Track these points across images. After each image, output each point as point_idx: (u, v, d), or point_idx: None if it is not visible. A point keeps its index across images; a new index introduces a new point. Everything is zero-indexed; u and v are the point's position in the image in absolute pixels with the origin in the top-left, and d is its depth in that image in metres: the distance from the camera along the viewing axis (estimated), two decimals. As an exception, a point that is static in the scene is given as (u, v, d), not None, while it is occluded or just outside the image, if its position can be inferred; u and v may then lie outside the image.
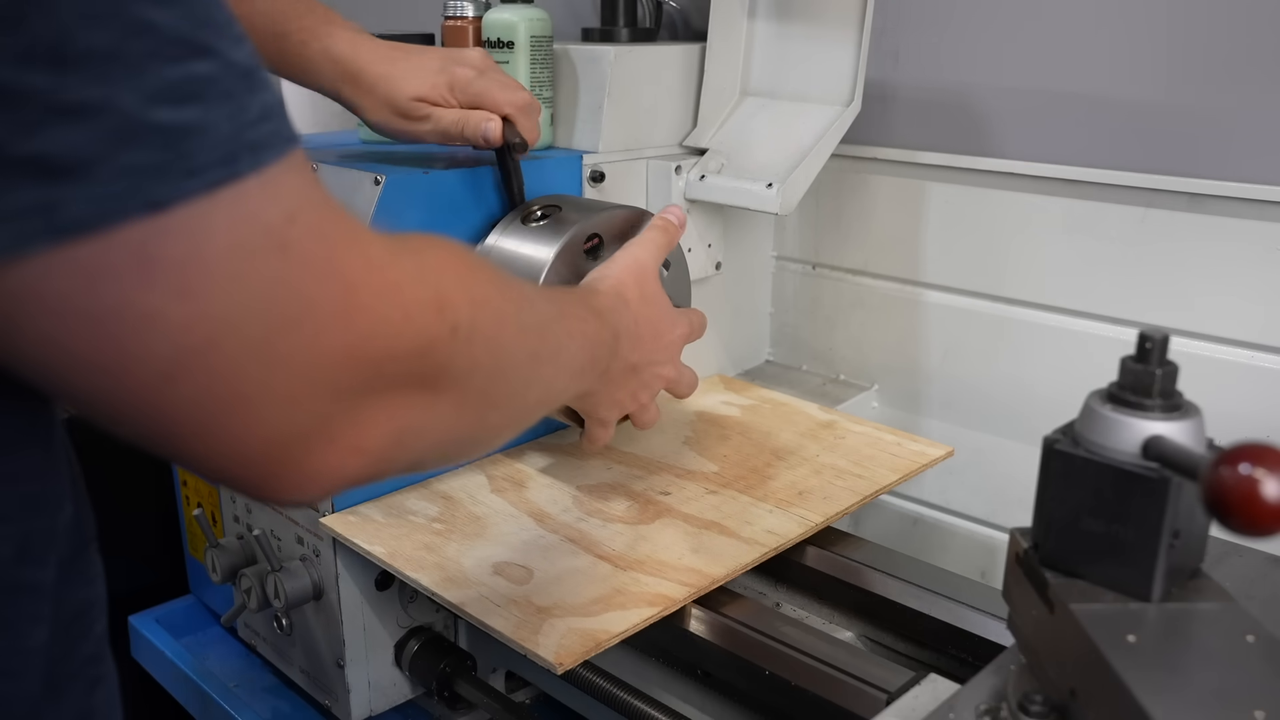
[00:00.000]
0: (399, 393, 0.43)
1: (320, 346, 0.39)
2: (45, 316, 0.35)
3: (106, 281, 0.35)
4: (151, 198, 0.35)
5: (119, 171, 0.34)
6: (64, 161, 0.33)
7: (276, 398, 0.39)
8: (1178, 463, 0.48)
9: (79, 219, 0.34)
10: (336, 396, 0.40)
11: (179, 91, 0.35)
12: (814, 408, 1.12)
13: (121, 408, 0.38)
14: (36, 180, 0.33)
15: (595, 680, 0.83)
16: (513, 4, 1.02)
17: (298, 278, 0.39)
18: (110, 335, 0.35)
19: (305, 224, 0.39)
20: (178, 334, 0.36)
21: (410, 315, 0.43)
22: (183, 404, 0.37)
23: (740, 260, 1.22)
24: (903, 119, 1.13)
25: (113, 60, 0.34)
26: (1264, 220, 0.91)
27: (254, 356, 0.38)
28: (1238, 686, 0.47)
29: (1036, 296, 1.07)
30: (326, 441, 0.41)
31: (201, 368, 0.37)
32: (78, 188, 0.34)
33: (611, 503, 0.91)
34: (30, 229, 0.34)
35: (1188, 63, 0.93)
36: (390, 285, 0.42)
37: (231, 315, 0.37)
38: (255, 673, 1.08)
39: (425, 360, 0.44)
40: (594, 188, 1.04)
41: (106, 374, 0.36)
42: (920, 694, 0.70)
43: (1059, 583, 0.54)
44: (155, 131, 0.35)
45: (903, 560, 0.89)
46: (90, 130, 0.34)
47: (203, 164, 0.36)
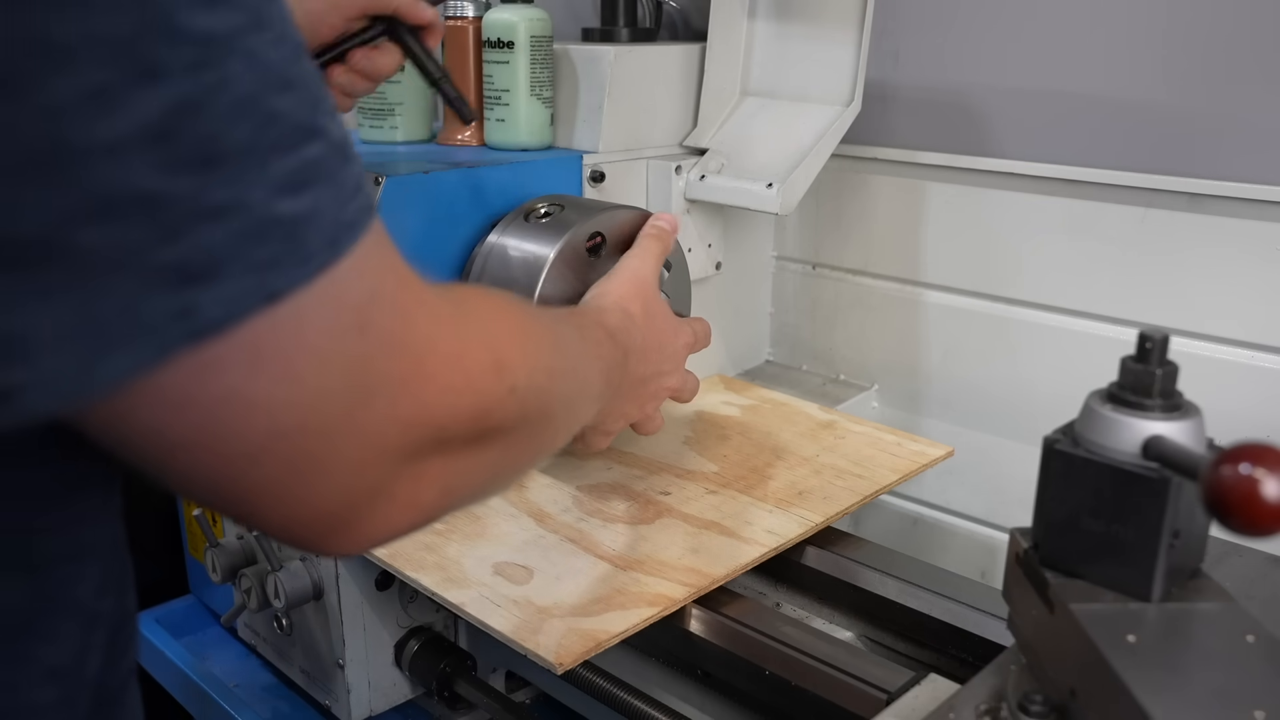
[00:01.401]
0: (454, 450, 0.44)
1: (392, 417, 0.40)
2: (157, 408, 0.35)
3: (218, 374, 0.35)
4: (271, 291, 0.35)
5: (246, 269, 0.34)
6: (201, 265, 0.33)
7: (348, 467, 0.39)
8: (1178, 463, 0.48)
9: (212, 321, 0.34)
10: (401, 460, 0.41)
11: (296, 180, 0.35)
12: (814, 408, 1.12)
13: (201, 484, 0.38)
14: (177, 286, 0.33)
15: (595, 680, 0.83)
16: (513, 4, 1.02)
17: (376, 354, 0.39)
18: (209, 421, 0.36)
19: (383, 300, 0.39)
20: (270, 418, 0.36)
21: (472, 380, 0.44)
22: (263, 480, 0.38)
23: (740, 260, 1.22)
24: (903, 119, 1.13)
25: (248, 156, 0.33)
26: (1264, 220, 0.91)
27: (333, 432, 0.38)
28: (1238, 686, 0.47)
29: (1036, 296, 1.07)
30: (387, 501, 0.42)
31: (287, 448, 0.37)
32: (212, 289, 0.33)
33: (611, 503, 0.91)
34: (170, 337, 0.33)
35: (1187, 63, 0.93)
36: (455, 352, 0.43)
37: (319, 396, 0.37)
38: (255, 673, 1.08)
39: (483, 422, 0.45)
40: (594, 188, 1.04)
41: (195, 455, 0.37)
42: (920, 694, 0.70)
43: (1059, 583, 0.54)
44: (277, 225, 0.34)
45: (903, 560, 0.89)
46: (225, 230, 0.33)
47: (312, 251, 0.36)
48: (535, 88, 1.03)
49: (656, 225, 0.90)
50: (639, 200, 1.10)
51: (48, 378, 0.32)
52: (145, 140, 0.31)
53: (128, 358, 0.33)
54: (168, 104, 0.31)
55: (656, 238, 0.88)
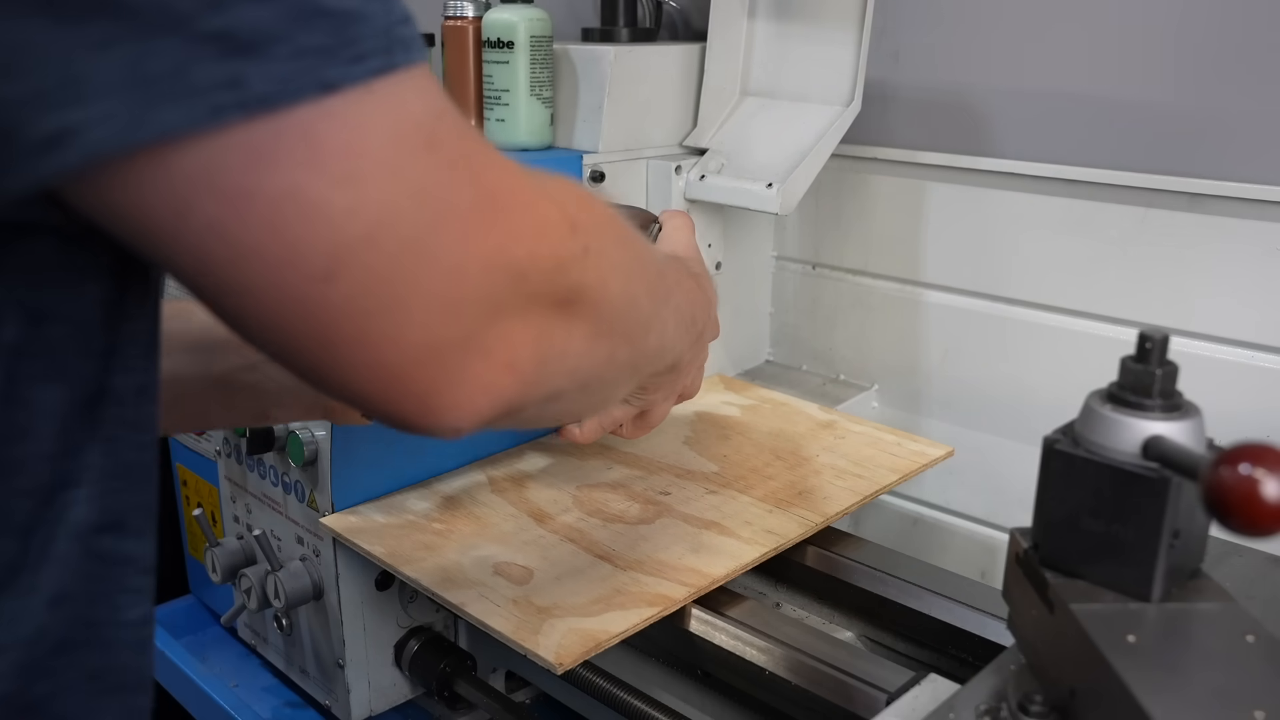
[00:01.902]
0: (540, 310, 0.43)
1: (467, 248, 0.39)
2: (216, 200, 0.35)
3: (277, 163, 0.35)
4: (323, 79, 0.35)
5: (296, 51, 0.35)
6: (249, 37, 0.34)
7: (430, 299, 0.39)
8: (1178, 463, 0.48)
9: (262, 95, 0.34)
10: (486, 305, 0.40)
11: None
12: (814, 408, 1.12)
13: (278, 308, 0.37)
14: (224, 55, 0.34)
15: (595, 680, 0.83)
16: (513, 4, 1.02)
17: (446, 178, 0.39)
18: (276, 222, 0.35)
19: (449, 125, 0.39)
20: (339, 224, 0.36)
21: (546, 229, 0.43)
22: (340, 304, 0.37)
23: (740, 260, 1.22)
24: (903, 119, 1.13)
25: None
26: (1264, 220, 0.91)
27: (408, 253, 0.38)
28: (1238, 686, 0.47)
29: (1036, 296, 1.07)
30: (481, 354, 0.41)
31: (360, 264, 0.37)
32: (261, 64, 0.34)
33: (611, 503, 0.91)
34: (221, 102, 0.34)
35: (1188, 63, 0.93)
36: (526, 199, 0.42)
37: (388, 209, 0.37)
38: (255, 673, 1.08)
39: (562, 277, 0.44)
40: (594, 188, 1.04)
41: (268, 267, 0.36)
42: (920, 694, 0.70)
43: (1059, 583, 0.54)
44: (326, 15, 0.36)
45: (903, 560, 0.89)
46: (271, 8, 0.34)
47: (365, 51, 0.36)
48: (535, 88, 1.03)
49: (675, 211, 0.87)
50: (639, 200, 1.10)
51: (101, 120, 0.33)
52: None
53: (179, 112, 0.34)
54: None
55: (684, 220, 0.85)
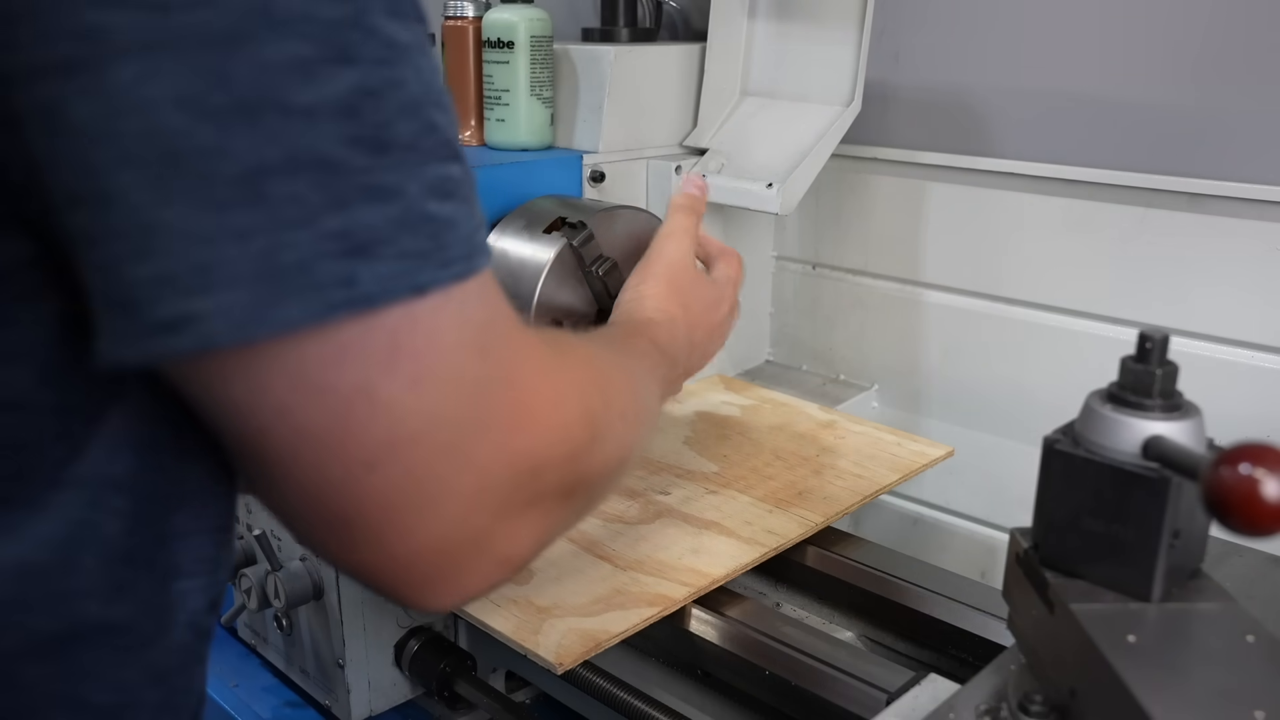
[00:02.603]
0: (544, 503, 0.44)
1: (500, 452, 0.41)
2: (293, 388, 0.36)
3: (359, 361, 0.37)
4: (417, 282, 0.37)
5: (398, 254, 0.37)
6: (363, 240, 0.36)
7: (455, 499, 0.40)
8: (1178, 463, 0.48)
9: (368, 295, 0.36)
10: (503, 508, 0.42)
11: (443, 188, 0.38)
12: (814, 408, 1.12)
13: (316, 488, 0.39)
14: (343, 254, 0.35)
15: (595, 680, 0.83)
16: (513, 4, 1.02)
17: (492, 383, 0.40)
18: (344, 414, 0.37)
19: (498, 331, 0.41)
20: (394, 423, 0.38)
21: (567, 426, 0.45)
22: (374, 494, 0.38)
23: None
24: (903, 119, 1.13)
25: (411, 152, 0.37)
26: (1264, 220, 0.91)
27: (447, 454, 0.39)
28: (1238, 686, 0.47)
29: (1036, 296, 1.07)
30: (482, 553, 0.42)
31: (404, 459, 0.38)
32: (370, 265, 0.36)
33: (611, 503, 0.91)
34: (336, 299, 0.35)
35: (1188, 63, 0.93)
36: (554, 398, 0.44)
37: (439, 411, 0.38)
38: (255, 673, 1.08)
39: (570, 468, 0.45)
40: (594, 188, 1.04)
41: (321, 451, 0.37)
42: (920, 694, 0.70)
43: (1059, 583, 0.54)
44: (427, 221, 0.38)
45: (903, 560, 0.89)
46: (386, 212, 0.36)
47: (453, 257, 0.38)
48: (535, 88, 1.03)
49: (688, 194, 0.85)
50: (639, 200, 1.10)
51: (225, 310, 0.34)
52: (334, 112, 0.35)
53: (299, 308, 0.35)
54: (355, 86, 0.36)
55: (688, 209, 0.84)
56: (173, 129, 0.33)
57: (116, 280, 0.34)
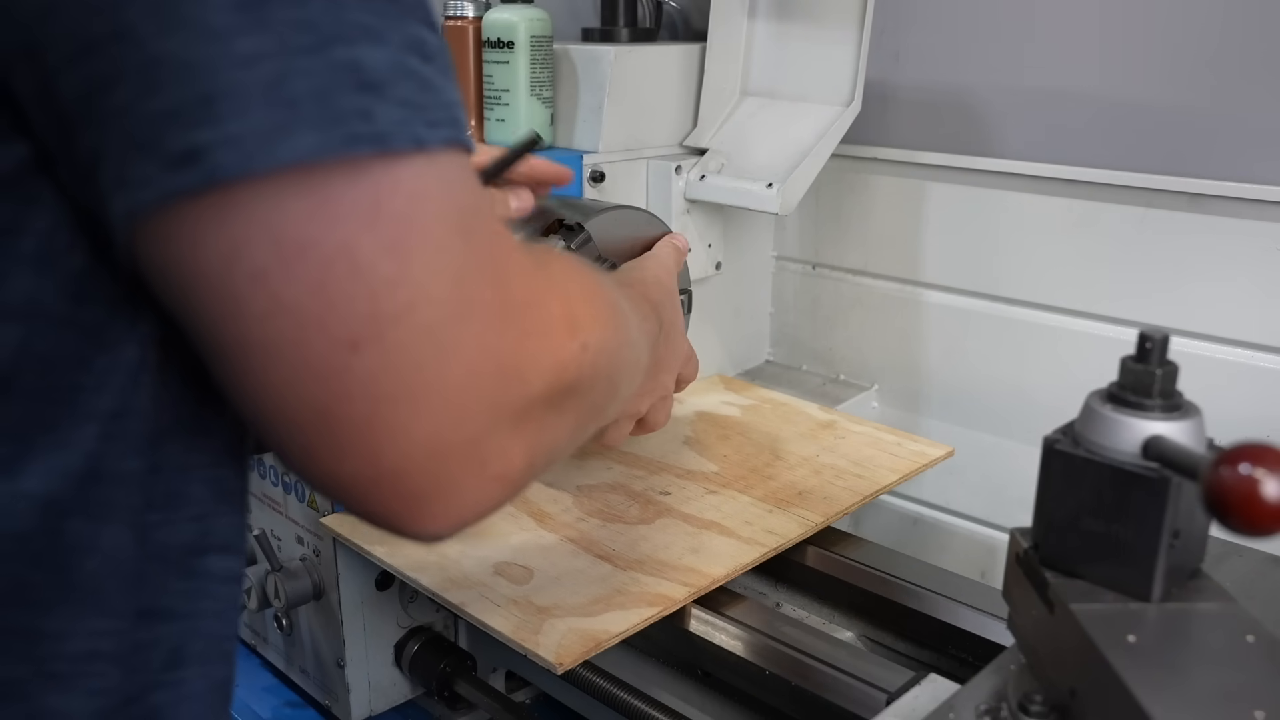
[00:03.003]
0: (536, 414, 0.42)
1: (485, 346, 0.39)
2: (270, 247, 0.34)
3: (342, 217, 0.35)
4: (416, 135, 0.36)
5: (399, 101, 0.35)
6: (371, 76, 0.35)
7: (444, 395, 0.38)
8: (1178, 463, 0.48)
9: (384, 134, 0.35)
10: (492, 410, 0.40)
11: (422, 49, 0.37)
12: (814, 408, 1.12)
13: (296, 372, 0.36)
14: (357, 89, 0.34)
15: (595, 680, 0.83)
16: (513, 4, 1.02)
17: (473, 269, 0.38)
18: (323, 279, 0.35)
19: (482, 217, 0.39)
20: (379, 293, 0.35)
21: (551, 331, 0.43)
22: (359, 378, 0.36)
23: (740, 260, 1.22)
24: (903, 119, 1.13)
25: (393, 2, 0.36)
26: (1264, 220, 0.91)
27: (433, 339, 0.37)
28: (1238, 686, 0.47)
29: (1036, 296, 1.07)
30: (478, 464, 0.40)
31: (389, 339, 0.36)
32: (382, 105, 0.35)
33: (611, 503, 0.91)
34: (357, 133, 0.34)
35: (1187, 63, 0.93)
36: (536, 298, 0.42)
37: (421, 288, 0.36)
38: (255, 673, 1.08)
39: (560, 377, 0.43)
40: (594, 188, 1.04)
41: (300, 326, 0.35)
42: (920, 694, 0.70)
43: (1059, 583, 0.54)
44: (412, 74, 0.36)
45: (903, 560, 0.89)
46: (382, 54, 0.35)
47: (438, 119, 0.37)
48: (535, 88, 1.03)
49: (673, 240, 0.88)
50: (639, 200, 1.10)
51: (236, 140, 0.33)
52: None
53: (314, 138, 0.34)
54: None
55: (677, 249, 0.87)
56: None
57: (128, 124, 0.33)
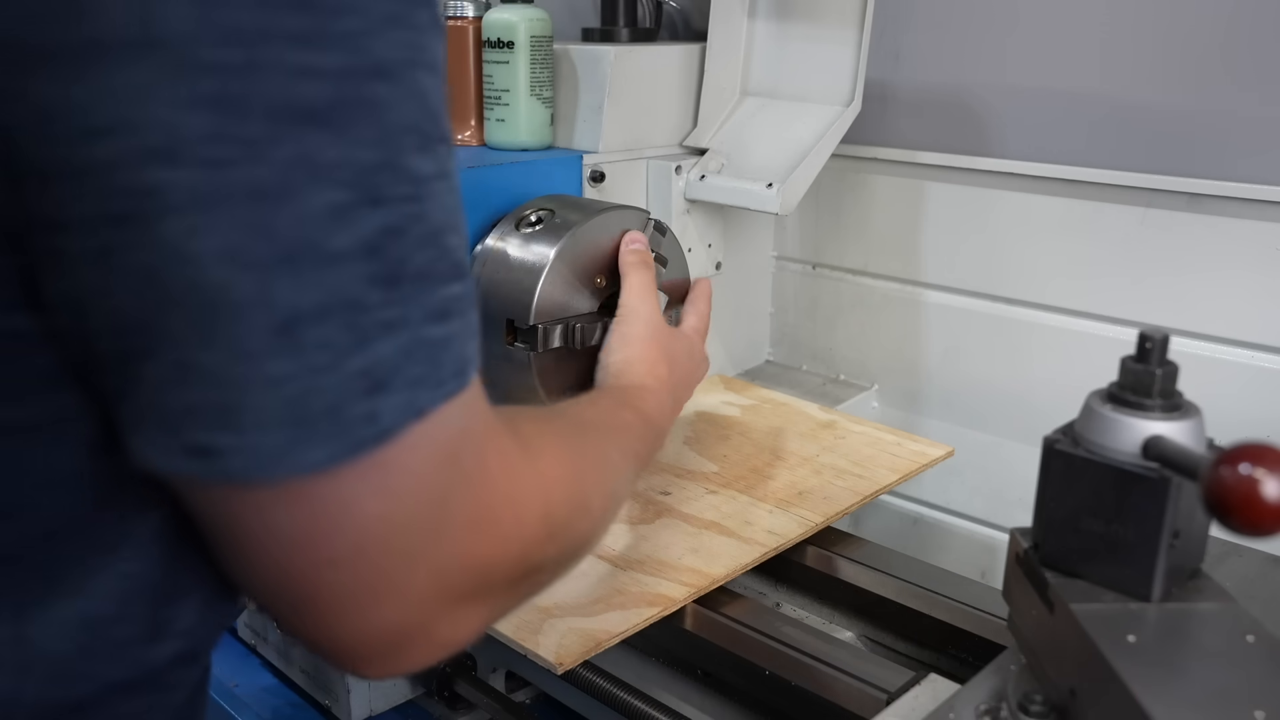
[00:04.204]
0: (491, 594, 0.45)
1: (452, 554, 0.41)
2: (287, 509, 0.37)
3: (344, 480, 0.37)
4: (419, 408, 0.38)
5: (405, 383, 0.37)
6: (380, 375, 0.36)
7: (402, 597, 0.40)
8: (1178, 463, 0.48)
9: (387, 431, 0.37)
10: (449, 601, 0.42)
11: (443, 310, 0.39)
12: (814, 408, 1.12)
13: (278, 575, 0.39)
14: (365, 393, 0.36)
15: (595, 680, 0.83)
16: (513, 4, 1.02)
17: (457, 490, 0.40)
18: (315, 519, 0.37)
19: (472, 440, 0.41)
20: (363, 527, 0.38)
21: (523, 526, 0.45)
22: (328, 592, 0.39)
23: (740, 260, 1.22)
24: (903, 119, 1.13)
25: (421, 280, 0.38)
26: (1264, 220, 0.91)
27: (404, 558, 0.39)
28: (1238, 686, 0.47)
29: (1036, 296, 1.07)
30: (424, 639, 0.43)
31: (362, 560, 0.39)
32: (385, 399, 0.37)
33: (611, 503, 0.91)
34: (363, 437, 0.36)
35: (1187, 63, 0.93)
36: (515, 497, 0.44)
37: (405, 517, 0.39)
38: (255, 673, 1.08)
39: (521, 564, 0.45)
40: (594, 188, 1.04)
41: (288, 546, 0.38)
42: (920, 694, 0.70)
43: (1059, 583, 0.54)
44: (427, 347, 0.38)
45: (903, 560, 0.89)
46: (396, 344, 0.37)
47: (445, 376, 0.39)
48: (535, 88, 1.03)
49: (636, 250, 0.88)
50: (639, 200, 1.10)
51: (252, 449, 0.35)
52: (360, 254, 0.36)
53: (325, 450, 0.36)
54: (382, 227, 0.36)
55: (642, 264, 0.87)
56: (216, 282, 0.34)
57: (153, 398, 0.35)
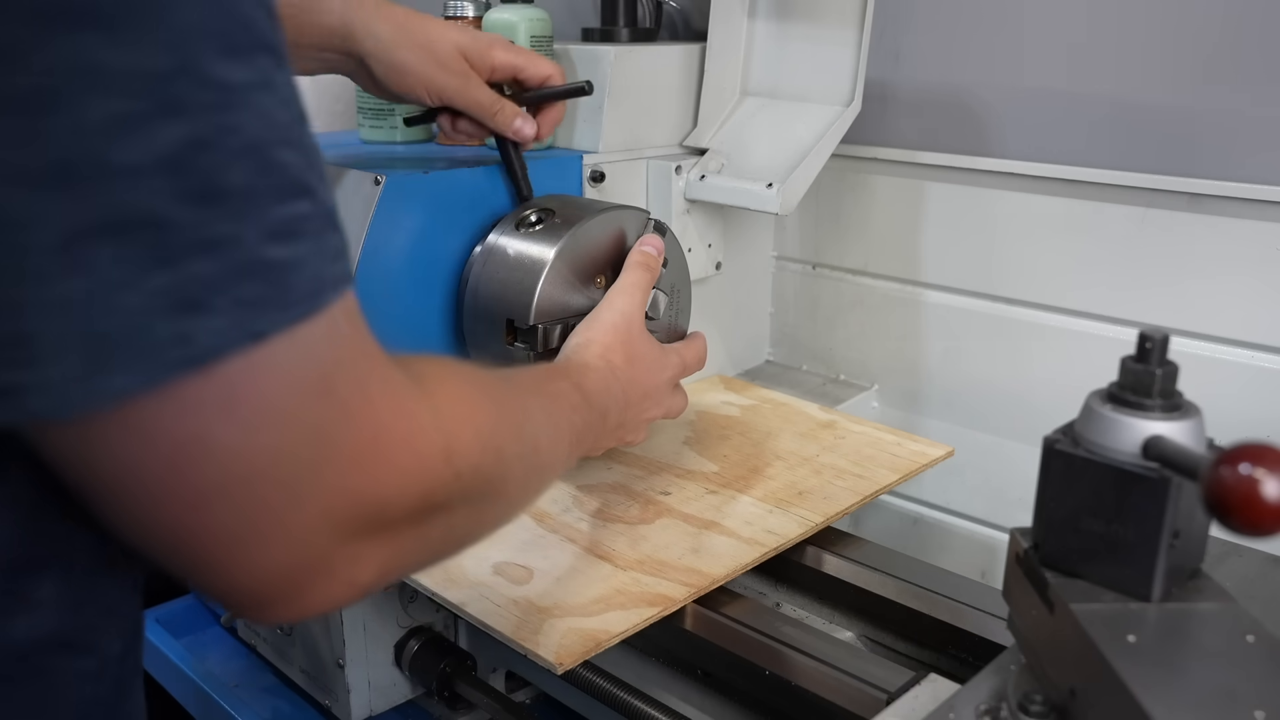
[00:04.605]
0: (393, 532, 0.44)
1: (338, 489, 0.40)
2: (125, 438, 0.36)
3: (195, 411, 0.36)
4: (255, 330, 0.36)
5: (235, 304, 0.35)
6: (198, 293, 0.35)
7: (290, 534, 0.40)
8: (1178, 463, 0.48)
9: (205, 351, 0.35)
10: (344, 536, 0.41)
11: (285, 229, 0.37)
12: (814, 408, 1.12)
13: (152, 525, 0.38)
14: (175, 313, 0.34)
15: (595, 680, 0.83)
16: (513, 4, 1.02)
17: (334, 423, 0.40)
18: (170, 460, 0.36)
19: (349, 370, 0.40)
20: (225, 464, 0.37)
21: (422, 462, 0.44)
22: (206, 532, 0.38)
23: (740, 260, 1.22)
24: (903, 119, 1.13)
25: (246, 199, 0.36)
26: (1264, 220, 0.91)
27: (279, 494, 0.39)
28: (1238, 686, 0.47)
29: (1036, 296, 1.07)
30: (325, 577, 0.42)
31: (233, 499, 0.38)
32: (205, 319, 0.35)
33: (611, 503, 0.91)
34: (170, 362, 0.34)
35: (1188, 63, 0.93)
36: (409, 434, 0.43)
37: (273, 453, 0.38)
38: (255, 673, 1.08)
39: (426, 503, 0.45)
40: (594, 188, 1.04)
41: (149, 492, 0.37)
42: (920, 694, 0.70)
43: (1059, 583, 0.54)
44: (265, 267, 0.36)
45: (903, 560, 0.89)
46: (220, 263, 0.35)
47: (294, 299, 0.37)
48: (535, 88, 1.02)
49: (644, 252, 0.89)
50: (639, 200, 1.10)
51: (49, 384, 0.33)
52: (160, 168, 0.33)
53: (129, 377, 0.34)
54: (184, 139, 0.34)
55: (645, 267, 0.87)
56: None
57: None
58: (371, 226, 0.87)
